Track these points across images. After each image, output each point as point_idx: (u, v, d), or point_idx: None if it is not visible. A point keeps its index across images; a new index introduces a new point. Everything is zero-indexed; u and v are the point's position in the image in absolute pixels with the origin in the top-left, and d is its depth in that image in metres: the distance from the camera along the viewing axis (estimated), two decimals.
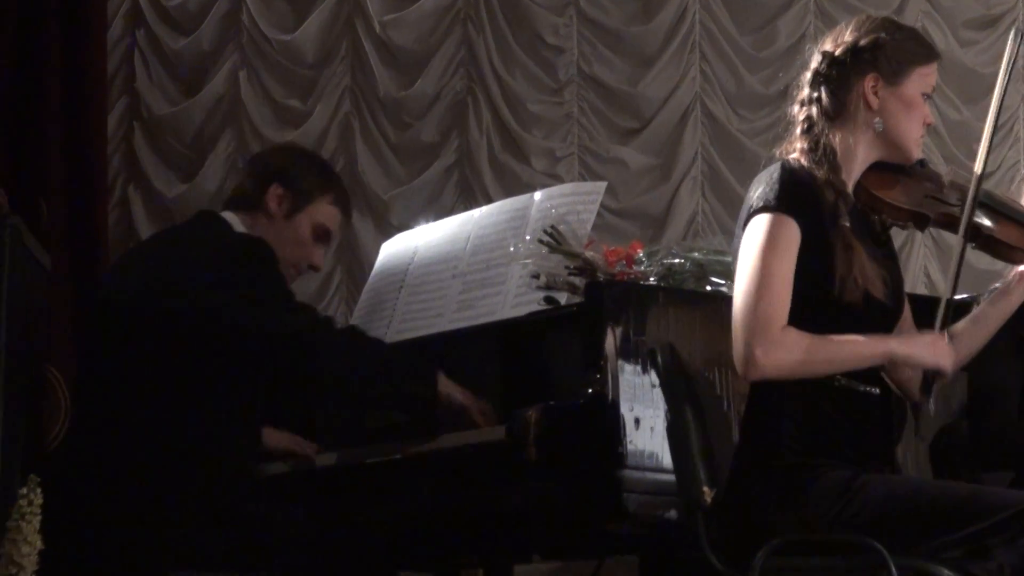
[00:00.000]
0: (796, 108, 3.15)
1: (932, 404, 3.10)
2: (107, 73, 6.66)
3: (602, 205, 4.11)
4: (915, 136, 3.14)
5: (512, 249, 3.77)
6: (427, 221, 4.33)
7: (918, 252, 6.80)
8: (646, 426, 3.32)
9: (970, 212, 3.10)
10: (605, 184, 4.05)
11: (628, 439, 3.29)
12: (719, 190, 6.93)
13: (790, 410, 2.98)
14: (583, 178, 6.78)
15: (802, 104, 3.14)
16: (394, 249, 4.23)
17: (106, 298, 3.65)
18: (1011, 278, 3.23)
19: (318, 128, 6.92)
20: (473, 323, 3.77)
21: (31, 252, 4.31)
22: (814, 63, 3.14)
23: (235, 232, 3.65)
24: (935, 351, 3.02)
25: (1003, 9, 6.99)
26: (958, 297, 3.19)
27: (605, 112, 7.02)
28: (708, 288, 3.62)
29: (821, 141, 3.07)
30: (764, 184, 3.03)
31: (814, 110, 3.10)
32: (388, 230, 6.18)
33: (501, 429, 3.42)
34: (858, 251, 2.99)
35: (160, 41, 7.08)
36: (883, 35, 3.11)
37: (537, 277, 3.63)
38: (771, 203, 2.98)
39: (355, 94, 7.06)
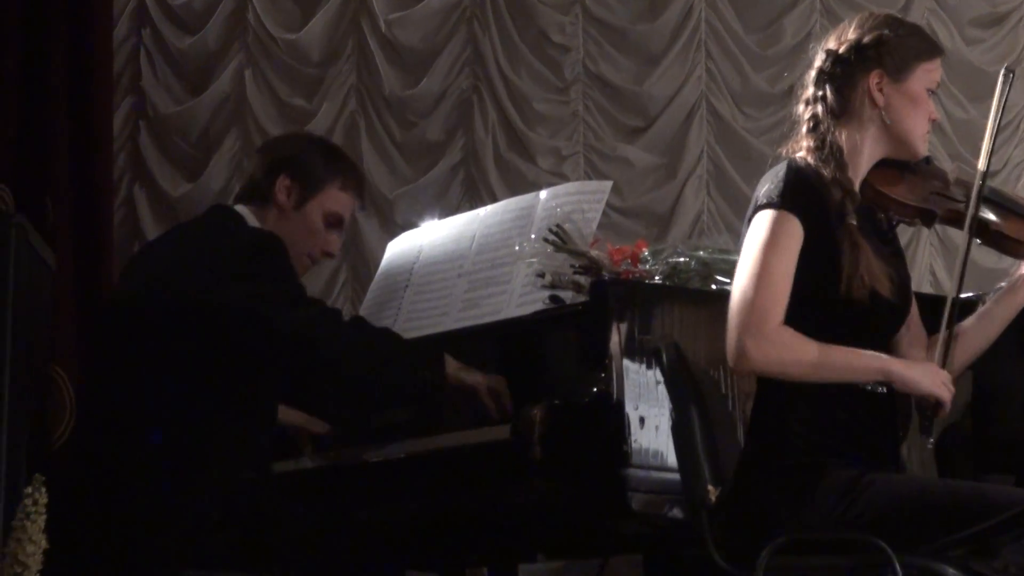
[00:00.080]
0: (801, 107, 3.14)
1: (931, 442, 3.09)
2: (113, 72, 6.65)
3: (607, 204, 4.10)
4: (921, 132, 3.13)
5: (517, 248, 3.76)
6: (432, 220, 4.33)
7: (923, 250, 6.78)
8: (651, 425, 3.31)
9: (975, 207, 3.09)
10: (610, 183, 4.04)
11: (633, 438, 3.29)
12: (725, 189, 6.92)
13: (798, 409, 2.98)
14: (588, 177, 6.77)
15: (807, 103, 3.13)
16: (399, 248, 4.23)
17: (118, 296, 3.64)
18: (1017, 276, 3.22)
19: (323, 127, 6.90)
20: (478, 322, 3.77)
21: (36, 251, 4.32)
22: (818, 61, 3.13)
23: (247, 227, 3.63)
24: (934, 380, 2.99)
25: (1009, 7, 6.96)
26: (964, 296, 3.19)
27: (611, 111, 7.01)
28: (713, 287, 3.61)
29: (827, 139, 3.07)
30: (770, 182, 3.03)
31: (819, 108, 3.10)
32: (393, 229, 6.16)
33: (505, 428, 3.41)
34: (865, 249, 2.98)
35: (166, 40, 7.09)
36: (886, 32, 3.11)
37: (542, 276, 3.62)
38: (775, 200, 2.98)
39: (360, 93, 7.05)
